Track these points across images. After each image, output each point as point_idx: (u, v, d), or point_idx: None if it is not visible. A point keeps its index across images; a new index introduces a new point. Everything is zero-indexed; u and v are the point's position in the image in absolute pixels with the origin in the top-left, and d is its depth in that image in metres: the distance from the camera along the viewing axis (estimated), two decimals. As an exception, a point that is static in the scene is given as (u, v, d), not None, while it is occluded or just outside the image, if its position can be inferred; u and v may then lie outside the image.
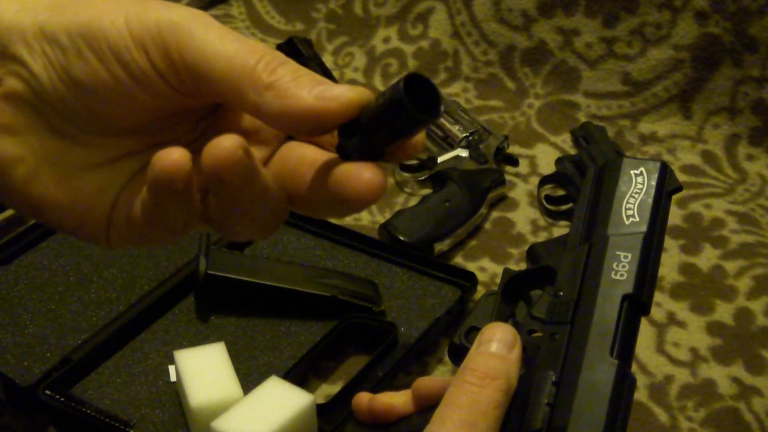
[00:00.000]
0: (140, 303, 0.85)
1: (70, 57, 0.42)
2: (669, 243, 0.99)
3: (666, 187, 0.53)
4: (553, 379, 0.47)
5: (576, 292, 0.50)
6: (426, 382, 0.54)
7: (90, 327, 0.83)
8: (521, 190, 1.06)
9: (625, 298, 0.48)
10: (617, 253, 0.50)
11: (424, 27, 1.25)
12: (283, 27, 1.31)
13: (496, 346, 0.49)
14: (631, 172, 0.52)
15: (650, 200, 0.52)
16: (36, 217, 0.46)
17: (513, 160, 1.07)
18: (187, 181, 0.41)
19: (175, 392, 0.78)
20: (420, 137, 0.44)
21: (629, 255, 0.50)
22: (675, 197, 1.04)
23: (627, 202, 0.52)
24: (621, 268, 0.50)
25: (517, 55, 1.20)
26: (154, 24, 0.41)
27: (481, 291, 0.90)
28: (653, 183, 0.52)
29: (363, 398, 0.56)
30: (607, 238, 0.51)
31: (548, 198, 1.03)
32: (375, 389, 0.77)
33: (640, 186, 0.52)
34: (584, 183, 0.55)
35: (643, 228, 0.51)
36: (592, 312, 0.48)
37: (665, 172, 0.53)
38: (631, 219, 0.51)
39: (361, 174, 0.41)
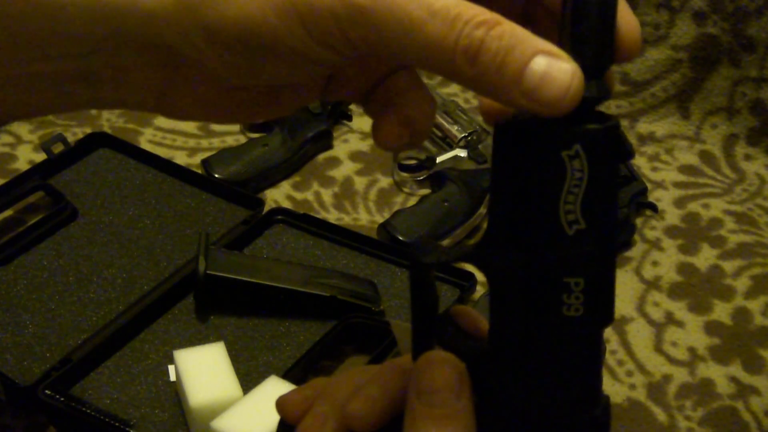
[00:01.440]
0: (140, 303, 0.85)
1: (248, 60, 0.38)
2: (667, 243, 0.99)
3: (617, 160, 0.37)
4: None
5: (516, 339, 0.38)
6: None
7: (90, 327, 0.83)
8: (520, 190, 1.06)
9: (586, 336, 0.38)
10: (566, 280, 0.36)
11: (423, 27, 1.25)
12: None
13: (442, 399, 0.39)
14: (564, 154, 0.35)
15: (599, 193, 0.35)
16: None
17: (511, 160, 1.07)
18: None
19: (175, 392, 0.78)
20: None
21: (581, 281, 0.36)
22: (673, 198, 1.06)
23: (565, 202, 0.35)
24: (574, 300, 0.36)
25: (515, 55, 1.20)
26: (328, 11, 0.36)
27: (479, 291, 0.90)
28: (599, 166, 0.35)
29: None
30: (546, 260, 0.36)
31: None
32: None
33: (579, 175, 0.35)
34: (492, 164, 0.38)
35: (596, 237, 0.36)
36: (545, 365, 0.38)
37: (614, 143, 0.36)
38: (575, 227, 0.36)
39: None
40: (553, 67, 0.35)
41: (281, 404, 0.45)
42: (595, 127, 0.35)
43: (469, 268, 0.93)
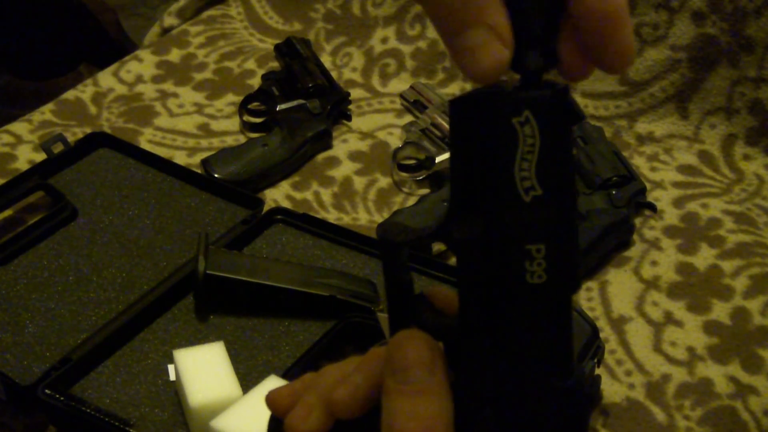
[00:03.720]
0: (139, 302, 0.85)
1: None
2: (666, 242, 0.99)
3: (568, 124, 0.37)
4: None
5: (483, 311, 0.38)
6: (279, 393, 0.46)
7: (89, 326, 0.83)
8: (519, 190, 1.06)
9: (551, 303, 0.38)
10: (527, 248, 0.37)
11: (422, 27, 1.25)
12: (281, 27, 1.31)
13: (415, 375, 0.39)
14: (514, 121, 0.36)
15: (553, 158, 0.36)
16: None
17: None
18: None
19: (175, 391, 0.78)
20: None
21: (542, 247, 0.37)
22: (672, 197, 1.06)
23: (521, 169, 0.36)
24: (537, 267, 0.37)
25: (514, 56, 1.20)
26: None
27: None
28: (552, 131, 0.36)
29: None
30: (506, 228, 0.37)
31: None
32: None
33: (531, 141, 0.36)
34: (450, 135, 0.39)
35: (554, 202, 0.37)
36: (512, 335, 0.38)
37: (563, 108, 0.37)
38: (531, 193, 0.36)
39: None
40: (481, 48, 0.35)
41: (270, 399, 0.45)
42: (542, 92, 0.36)
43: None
